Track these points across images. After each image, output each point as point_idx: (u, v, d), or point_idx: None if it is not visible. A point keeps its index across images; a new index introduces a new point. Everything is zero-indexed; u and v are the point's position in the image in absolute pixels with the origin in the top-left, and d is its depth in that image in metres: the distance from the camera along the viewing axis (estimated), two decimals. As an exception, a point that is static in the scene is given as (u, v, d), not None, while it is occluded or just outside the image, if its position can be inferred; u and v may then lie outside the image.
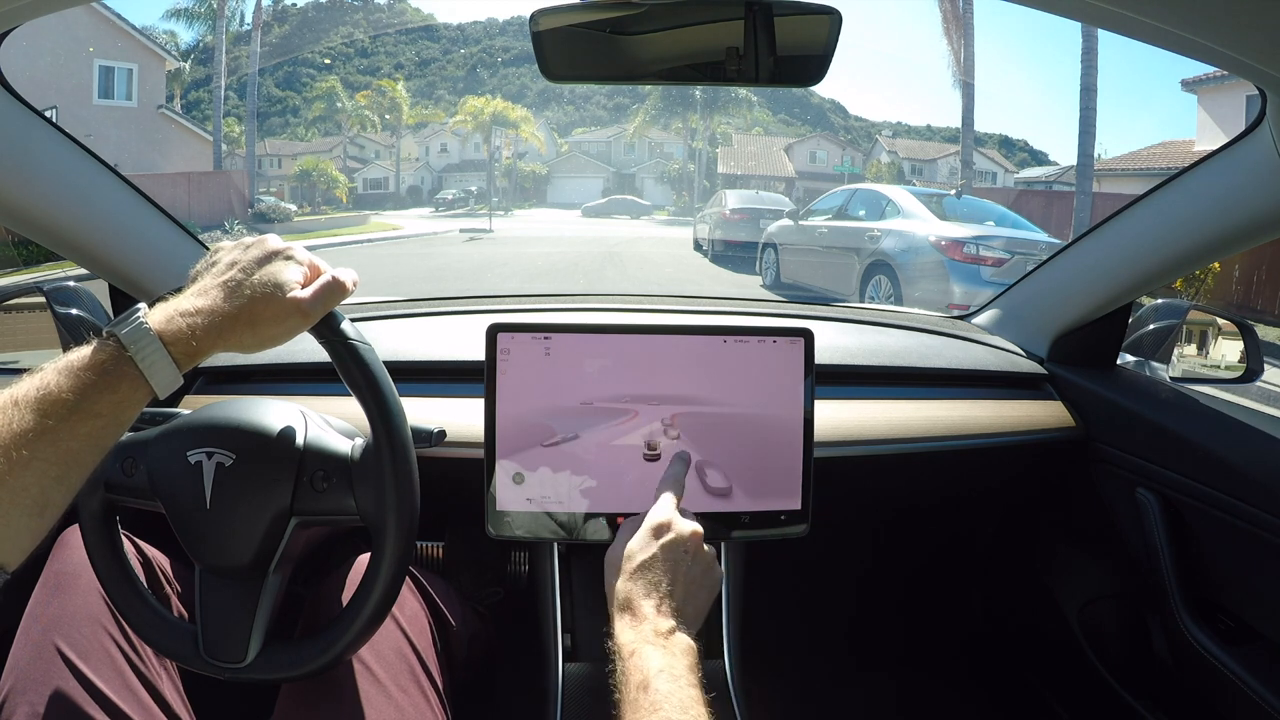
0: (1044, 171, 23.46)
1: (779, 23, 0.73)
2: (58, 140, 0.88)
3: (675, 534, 0.63)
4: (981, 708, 1.31)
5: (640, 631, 0.58)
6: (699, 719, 0.52)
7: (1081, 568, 1.19)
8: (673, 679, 0.54)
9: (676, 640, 0.58)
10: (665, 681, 0.53)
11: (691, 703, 0.53)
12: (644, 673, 0.54)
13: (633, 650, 0.56)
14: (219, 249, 0.61)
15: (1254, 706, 0.85)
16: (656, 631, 0.58)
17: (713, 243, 11.71)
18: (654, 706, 0.52)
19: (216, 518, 0.64)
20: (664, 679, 0.54)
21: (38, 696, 0.64)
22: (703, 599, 0.63)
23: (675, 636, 0.58)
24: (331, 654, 0.65)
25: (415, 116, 31.85)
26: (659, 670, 0.54)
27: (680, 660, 0.56)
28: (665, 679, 0.54)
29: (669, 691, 0.53)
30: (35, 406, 0.49)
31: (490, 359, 0.74)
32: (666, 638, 0.57)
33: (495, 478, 0.75)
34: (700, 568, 0.63)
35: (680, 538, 0.63)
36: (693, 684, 0.55)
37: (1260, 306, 8.66)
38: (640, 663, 0.55)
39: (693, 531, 0.64)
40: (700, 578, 0.63)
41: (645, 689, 0.53)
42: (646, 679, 0.54)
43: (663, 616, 0.59)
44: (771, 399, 0.77)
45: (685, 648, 0.57)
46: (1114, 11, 0.60)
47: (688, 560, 0.63)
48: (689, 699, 0.53)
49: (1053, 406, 1.12)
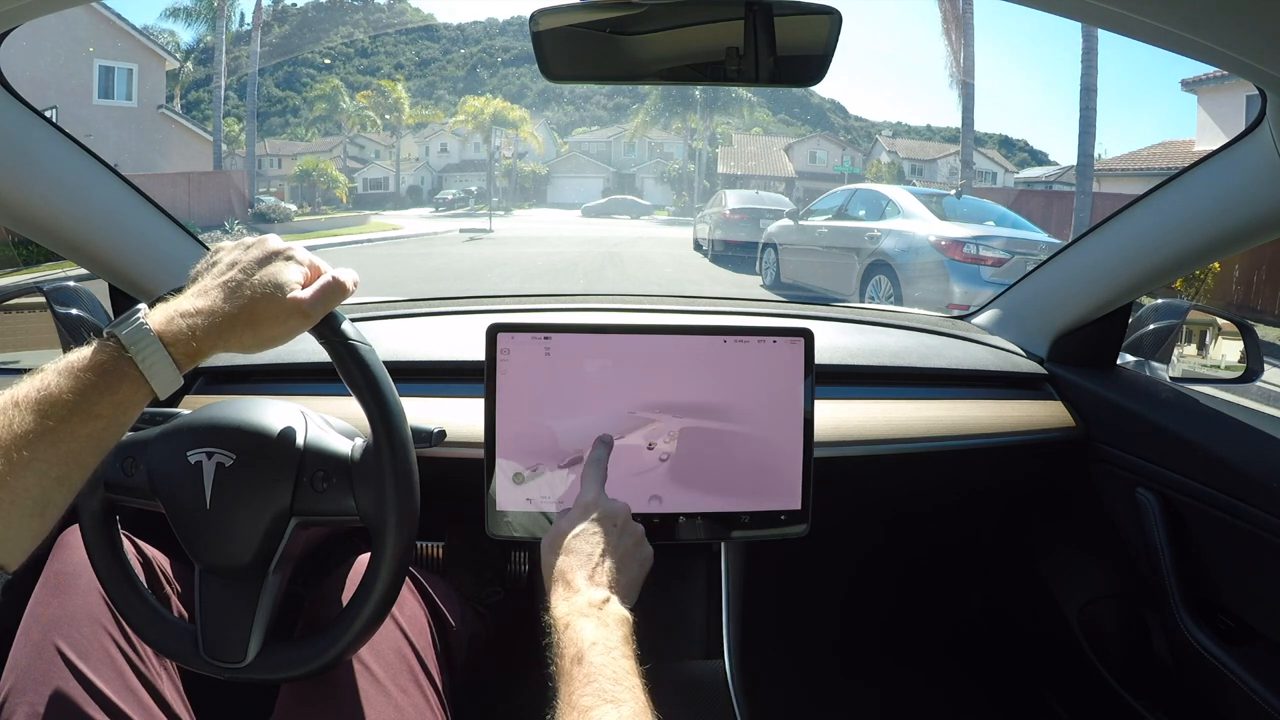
0: (1044, 171, 23.46)
1: (779, 23, 0.73)
2: (58, 140, 0.88)
3: (602, 509, 0.66)
4: (981, 708, 1.31)
5: (574, 603, 0.59)
6: (633, 689, 0.53)
7: (1081, 568, 1.19)
8: (606, 651, 0.55)
9: (610, 611, 0.59)
10: (599, 654, 0.54)
11: (624, 674, 0.54)
12: (578, 645, 0.55)
13: (567, 623, 0.57)
14: (219, 249, 0.60)
15: (1254, 706, 0.85)
16: (590, 603, 0.59)
17: (713, 243, 11.71)
18: (588, 678, 0.53)
19: (216, 518, 0.64)
20: (597, 651, 0.54)
21: (38, 696, 0.64)
22: (634, 571, 0.65)
23: (609, 607, 0.59)
24: (331, 654, 0.65)
25: (415, 116, 31.82)
26: (592, 643, 0.55)
27: (614, 632, 0.57)
28: (599, 651, 0.54)
29: (603, 664, 0.53)
30: (35, 408, 0.49)
31: (490, 359, 0.75)
32: (600, 608, 0.58)
33: (495, 478, 0.75)
34: (630, 540, 0.66)
35: (607, 512, 0.66)
36: (626, 655, 0.55)
37: (1260, 306, 8.65)
38: (574, 635, 0.56)
39: (618, 506, 0.67)
40: (631, 549, 0.66)
41: (579, 661, 0.54)
42: (581, 651, 0.54)
43: (596, 587, 0.60)
44: (771, 399, 0.77)
45: (619, 619, 0.58)
46: (1114, 11, 0.60)
47: (616, 533, 0.65)
48: (622, 670, 0.54)
49: (1053, 406, 1.12)
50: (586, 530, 0.64)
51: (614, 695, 0.51)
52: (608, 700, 0.51)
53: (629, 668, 0.54)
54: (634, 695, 0.52)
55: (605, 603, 0.59)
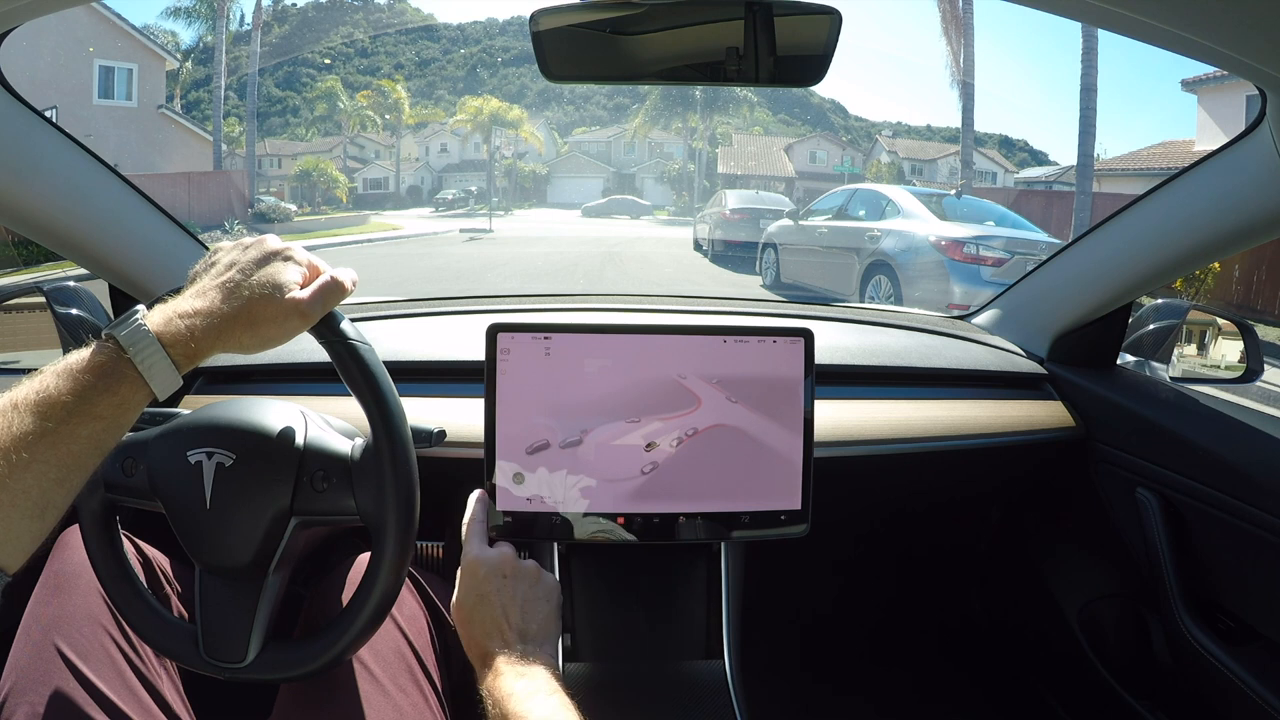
0: (1044, 171, 23.46)
1: (779, 23, 0.73)
2: (58, 140, 0.88)
3: (485, 568, 0.65)
4: (981, 708, 1.31)
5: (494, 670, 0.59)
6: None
7: (1081, 568, 1.19)
8: (529, 696, 0.55)
9: (528, 661, 0.59)
10: (521, 702, 0.54)
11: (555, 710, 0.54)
12: (501, 705, 0.55)
13: (489, 689, 0.58)
14: (218, 249, 0.60)
15: (1254, 706, 0.85)
16: (507, 662, 0.59)
17: (713, 243, 11.71)
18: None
19: (216, 518, 0.64)
20: (518, 700, 0.55)
21: (38, 697, 0.64)
22: (543, 610, 0.65)
23: (526, 655, 0.59)
24: (331, 654, 0.65)
25: (415, 116, 31.83)
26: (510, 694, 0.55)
27: (537, 675, 0.57)
28: (520, 699, 0.55)
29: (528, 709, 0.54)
30: (35, 409, 0.49)
31: (490, 359, 0.74)
32: (518, 662, 0.58)
33: (495, 478, 0.75)
34: (525, 584, 0.65)
35: (490, 568, 0.65)
36: (554, 691, 0.56)
37: (1260, 306, 8.65)
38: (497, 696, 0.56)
39: (500, 556, 0.66)
40: (529, 592, 0.65)
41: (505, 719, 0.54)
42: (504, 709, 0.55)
43: (508, 648, 0.60)
44: (771, 399, 0.77)
45: (541, 661, 0.59)
46: (1114, 11, 0.60)
47: (509, 584, 0.64)
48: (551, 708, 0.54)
49: (1053, 406, 1.12)
50: (482, 597, 0.64)
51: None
52: None
53: (560, 702, 0.55)
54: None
55: (522, 655, 0.59)
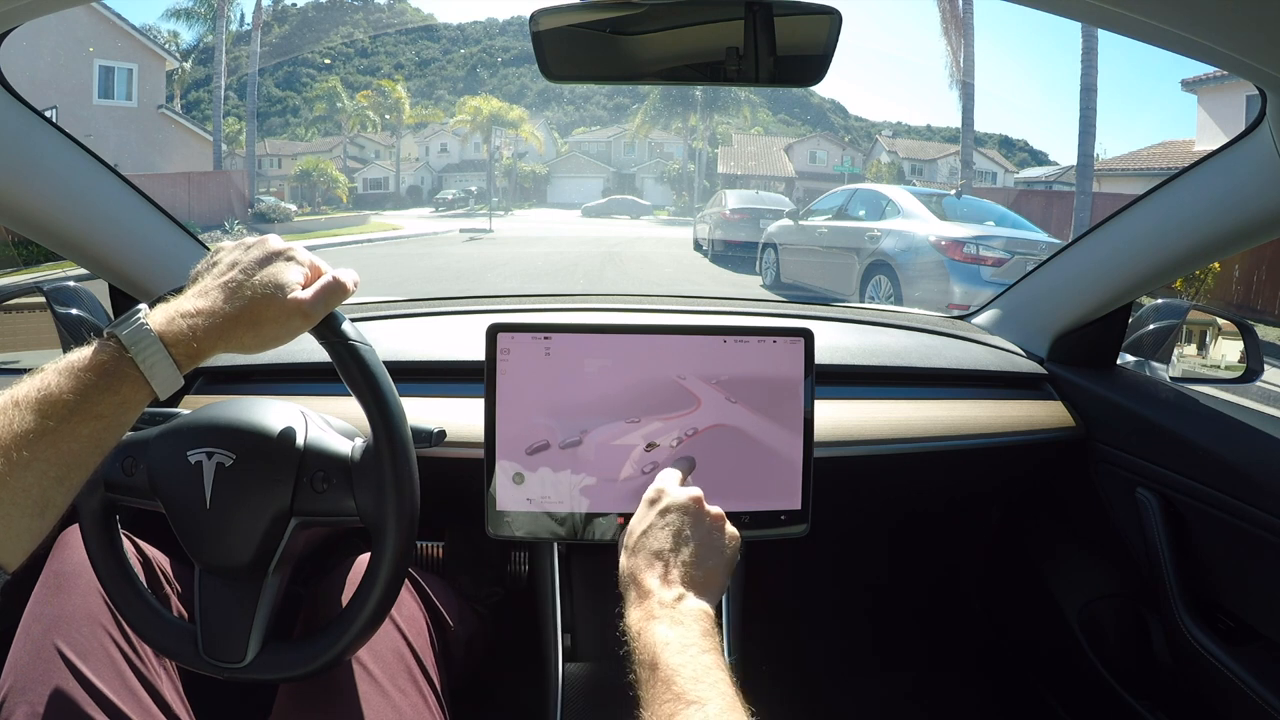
0: (1044, 171, 23.46)
1: (779, 23, 0.73)
2: (58, 140, 0.88)
3: (670, 500, 0.63)
4: (981, 708, 1.31)
5: (645, 607, 0.56)
6: (716, 685, 0.49)
7: (1081, 568, 1.19)
8: (681, 649, 0.51)
9: (685, 608, 0.55)
10: (674, 654, 0.51)
11: (706, 670, 0.50)
12: (652, 650, 0.52)
13: (639, 630, 0.54)
14: (220, 249, 0.60)
15: (1254, 706, 0.85)
16: (662, 604, 0.55)
17: (713, 243, 11.71)
18: (666, 683, 0.49)
19: (216, 518, 0.64)
20: (672, 651, 0.51)
21: (37, 696, 0.64)
22: (714, 559, 0.61)
23: (683, 604, 0.55)
24: (331, 654, 0.65)
25: (415, 116, 31.83)
26: (665, 643, 0.52)
27: (692, 628, 0.53)
28: (673, 650, 0.51)
29: (680, 664, 0.50)
30: (36, 407, 0.49)
31: (490, 359, 0.75)
32: (673, 607, 0.55)
33: (495, 478, 0.75)
34: (705, 529, 0.62)
35: (676, 503, 0.62)
36: (707, 650, 0.52)
37: (1260, 306, 8.65)
38: (647, 640, 0.53)
39: (690, 496, 0.63)
40: (707, 539, 0.61)
41: (655, 667, 0.51)
42: (655, 656, 0.51)
43: (668, 586, 0.57)
44: (771, 399, 0.77)
45: (696, 614, 0.55)
46: (1114, 11, 0.60)
47: (689, 522, 0.61)
48: (702, 667, 0.50)
49: (1052, 406, 1.12)
50: (654, 526, 0.61)
51: (697, 695, 0.48)
52: (690, 701, 0.48)
53: (711, 662, 0.51)
54: (719, 691, 0.49)
55: (679, 600, 0.56)
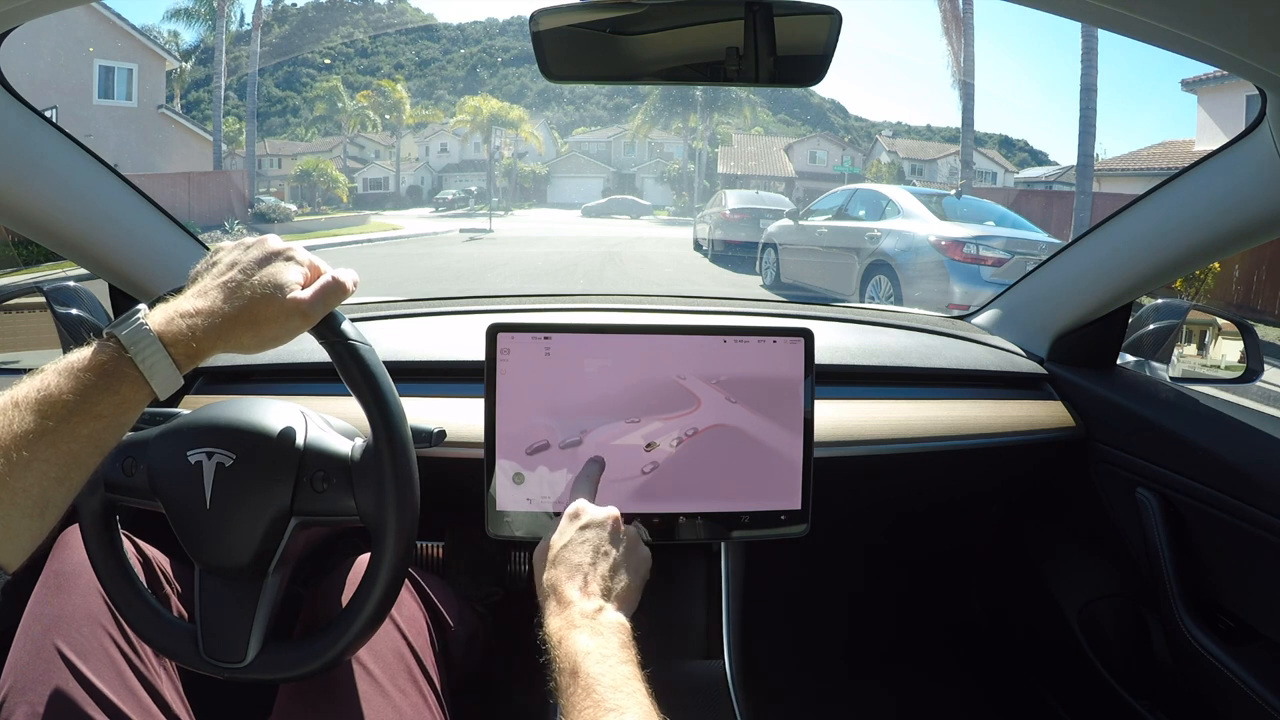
0: (1044, 171, 23.46)
1: (779, 23, 0.73)
2: (58, 140, 0.88)
3: (589, 517, 0.65)
4: (981, 708, 1.31)
5: (566, 617, 0.58)
6: (634, 694, 0.52)
7: (1081, 568, 1.19)
8: (601, 659, 0.53)
9: (604, 619, 0.58)
10: (594, 663, 0.53)
11: (624, 680, 0.52)
12: (573, 658, 0.54)
13: (560, 637, 0.56)
14: (219, 249, 0.60)
15: (1254, 706, 0.85)
16: (583, 614, 0.58)
17: (713, 243, 11.71)
18: (586, 690, 0.51)
19: (216, 518, 0.64)
20: (592, 660, 0.53)
21: (37, 696, 0.64)
22: (630, 577, 0.64)
23: (602, 615, 0.58)
24: (331, 654, 0.65)
25: (415, 116, 31.83)
26: (586, 653, 0.54)
27: (610, 639, 0.56)
28: (594, 660, 0.53)
29: (599, 673, 0.52)
30: (36, 408, 0.49)
31: (490, 359, 0.75)
32: (593, 618, 0.57)
33: (495, 478, 0.75)
34: (623, 548, 0.65)
35: (595, 520, 0.65)
36: (625, 660, 0.54)
37: (1260, 306, 8.65)
38: (568, 649, 0.55)
39: (607, 514, 0.66)
40: (624, 556, 0.64)
41: (575, 674, 0.53)
42: (576, 664, 0.53)
43: (588, 598, 0.59)
44: (771, 399, 0.77)
45: (614, 625, 0.57)
46: (1114, 11, 0.60)
47: (606, 539, 0.64)
48: (621, 677, 0.53)
49: (1052, 406, 1.12)
50: (575, 540, 0.63)
51: (615, 703, 0.50)
52: (609, 709, 0.50)
53: (629, 673, 0.53)
54: (636, 701, 0.51)
55: (598, 612, 0.58)
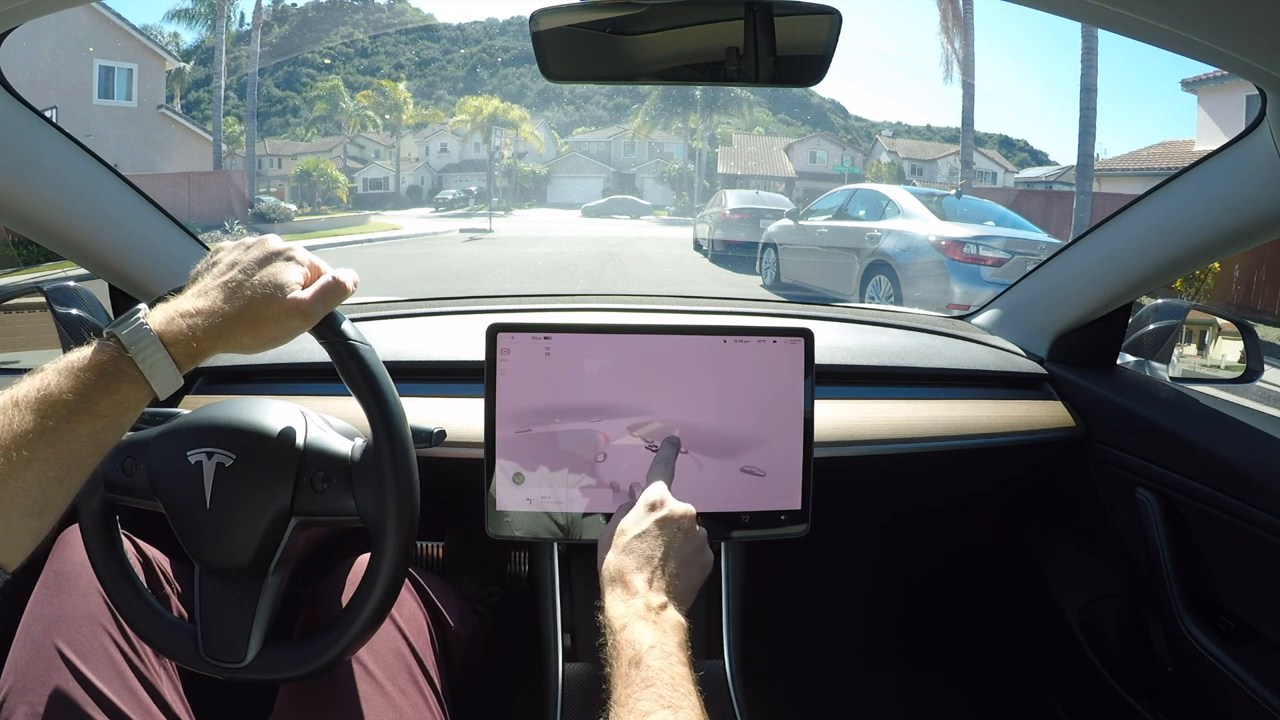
0: (1044, 171, 23.46)
1: (779, 23, 0.73)
2: (58, 140, 0.88)
3: (668, 511, 0.64)
4: (981, 708, 1.31)
5: (631, 605, 0.58)
6: (689, 696, 0.52)
7: (1081, 568, 1.19)
8: (664, 656, 0.54)
9: (667, 616, 0.58)
10: (657, 658, 0.54)
11: (682, 680, 0.53)
12: (636, 648, 0.54)
13: (624, 624, 0.57)
14: (219, 249, 0.60)
15: (1254, 706, 0.85)
16: (648, 606, 0.58)
17: (713, 243, 11.71)
18: (646, 682, 0.52)
19: (216, 518, 0.64)
20: (655, 655, 0.54)
21: (37, 696, 0.64)
22: (694, 577, 0.64)
23: (666, 612, 0.58)
24: (331, 654, 0.65)
25: (415, 116, 31.84)
26: (650, 646, 0.54)
27: (671, 637, 0.56)
28: (657, 655, 0.54)
29: (660, 669, 0.53)
30: (36, 407, 0.49)
31: (490, 359, 0.75)
32: (658, 613, 0.58)
33: (495, 478, 0.75)
34: (693, 546, 0.64)
35: (673, 515, 0.64)
36: (683, 661, 0.55)
37: (1260, 306, 8.65)
38: (632, 637, 0.55)
39: (685, 511, 0.65)
40: (692, 556, 0.64)
41: (637, 664, 0.53)
42: (639, 654, 0.54)
43: (654, 592, 0.59)
44: (771, 399, 0.77)
45: (675, 624, 0.58)
46: (1114, 11, 0.60)
47: (680, 537, 0.64)
48: (679, 676, 0.53)
49: (1052, 406, 1.12)
50: (649, 531, 0.63)
51: (672, 701, 0.51)
52: (666, 706, 0.51)
53: (686, 674, 0.54)
54: (691, 703, 0.52)
55: (663, 608, 0.58)
